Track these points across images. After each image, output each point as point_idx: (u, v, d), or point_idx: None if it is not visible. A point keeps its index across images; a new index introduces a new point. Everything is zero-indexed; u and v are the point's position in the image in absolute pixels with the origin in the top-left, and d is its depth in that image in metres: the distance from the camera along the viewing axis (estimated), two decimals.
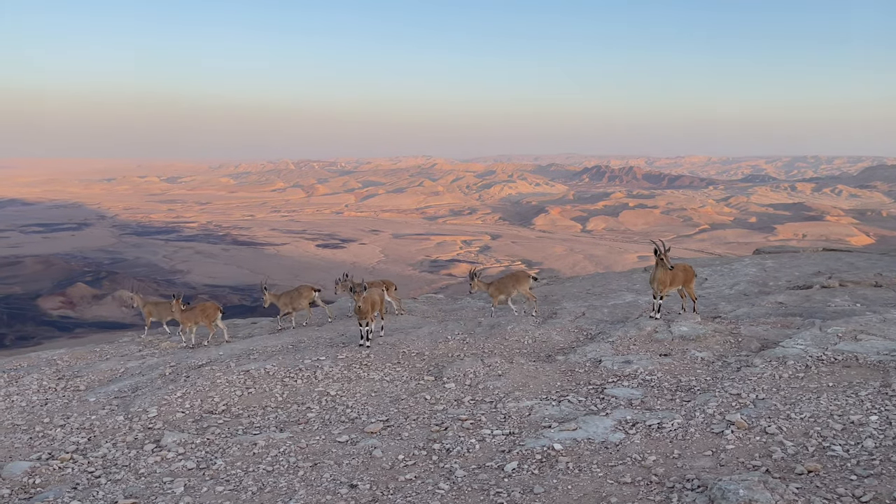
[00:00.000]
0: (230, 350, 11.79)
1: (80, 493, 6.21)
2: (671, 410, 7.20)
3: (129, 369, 11.38)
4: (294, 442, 7.16)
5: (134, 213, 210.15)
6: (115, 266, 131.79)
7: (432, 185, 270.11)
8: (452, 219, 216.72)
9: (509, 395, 8.26)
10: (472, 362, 9.64)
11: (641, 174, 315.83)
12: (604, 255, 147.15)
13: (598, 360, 9.44)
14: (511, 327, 11.50)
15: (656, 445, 6.31)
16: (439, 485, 5.85)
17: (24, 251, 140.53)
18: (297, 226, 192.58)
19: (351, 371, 9.69)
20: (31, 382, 10.97)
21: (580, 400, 7.91)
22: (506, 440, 6.80)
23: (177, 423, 8.22)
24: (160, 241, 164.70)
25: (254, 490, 6.01)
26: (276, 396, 8.96)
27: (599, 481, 5.68)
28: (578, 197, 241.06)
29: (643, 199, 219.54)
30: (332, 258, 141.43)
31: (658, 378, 8.51)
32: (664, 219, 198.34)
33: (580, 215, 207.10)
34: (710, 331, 10.35)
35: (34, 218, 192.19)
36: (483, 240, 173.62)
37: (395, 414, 7.93)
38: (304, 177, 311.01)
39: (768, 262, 19.83)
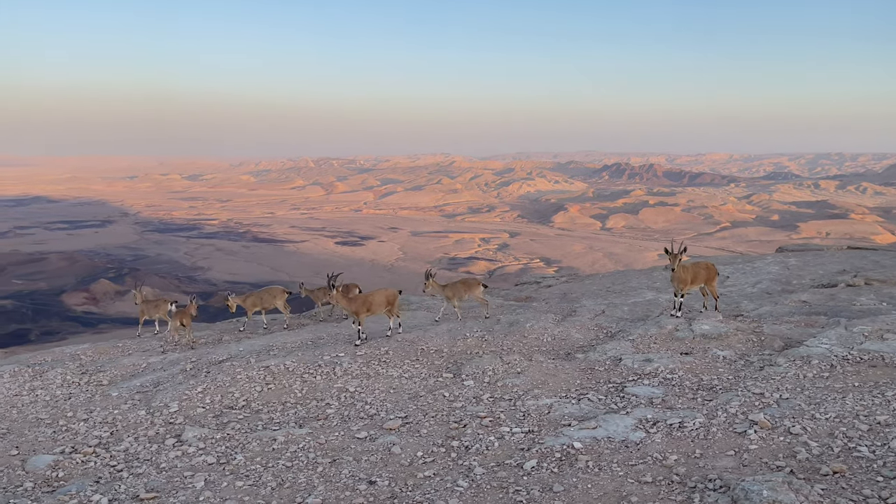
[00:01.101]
0: (250, 346, 11.86)
1: (103, 487, 6.27)
2: (693, 409, 7.12)
3: (151, 364, 11.49)
4: (313, 438, 7.18)
5: (156, 211, 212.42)
6: (137, 263, 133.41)
7: (451, 183, 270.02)
8: (471, 216, 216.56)
9: (528, 393, 8.22)
10: (491, 360, 9.60)
11: (662, 171, 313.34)
12: (623, 252, 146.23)
13: (618, 359, 9.36)
14: (530, 325, 11.45)
15: (678, 445, 6.25)
16: (458, 482, 5.84)
17: (48, 248, 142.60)
18: (316, 223, 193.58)
19: (370, 367, 9.70)
20: (55, 377, 11.12)
21: (600, 398, 7.86)
22: (525, 438, 6.77)
23: (197, 419, 8.28)
24: (182, 238, 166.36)
25: (273, 485, 6.03)
26: (296, 392, 8.99)
27: (620, 480, 5.63)
28: (598, 194, 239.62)
29: (663, 197, 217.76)
30: (350, 255, 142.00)
31: (679, 377, 8.43)
32: (685, 216, 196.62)
33: (600, 213, 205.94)
34: (732, 329, 10.22)
35: (58, 215, 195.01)
36: (501, 237, 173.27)
37: (413, 411, 7.93)
38: (323, 174, 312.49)
39: (791, 261, 19.56)
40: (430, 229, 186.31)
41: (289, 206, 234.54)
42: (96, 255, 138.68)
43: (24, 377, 11.13)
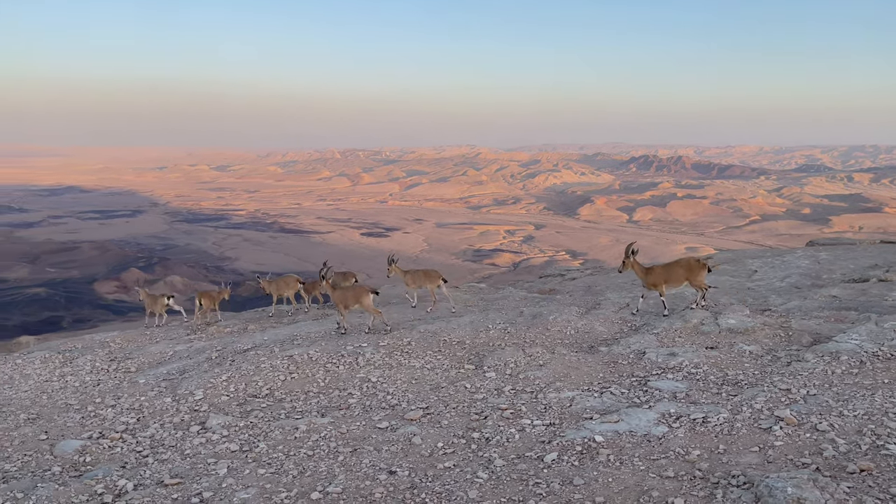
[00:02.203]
0: (275, 335, 11.97)
1: (129, 472, 6.38)
2: (717, 404, 7.03)
3: (178, 352, 11.66)
4: (335, 427, 7.23)
5: (185, 201, 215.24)
6: (166, 252, 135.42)
7: (476, 175, 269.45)
8: (496, 208, 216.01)
9: (550, 386, 8.18)
10: (514, 352, 9.58)
11: (690, 164, 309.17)
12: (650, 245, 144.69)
13: (641, 352, 9.27)
14: (553, 317, 11.39)
15: (701, 440, 6.17)
16: (478, 474, 5.83)
17: (81, 237, 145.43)
18: (342, 214, 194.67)
19: (392, 358, 9.73)
20: (84, 363, 11.35)
21: (623, 392, 7.79)
22: (546, 431, 6.74)
23: (222, 406, 8.38)
24: (210, 228, 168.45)
25: (294, 473, 6.08)
26: (319, 382, 9.06)
27: (641, 475, 5.58)
28: (625, 187, 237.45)
29: (692, 190, 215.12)
30: (376, 246, 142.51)
31: (704, 371, 8.32)
32: (713, 209, 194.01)
33: (626, 205, 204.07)
34: (759, 324, 10.06)
35: (90, 205, 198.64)
36: (527, 229, 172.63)
37: (434, 402, 7.94)
38: (349, 166, 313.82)
39: (822, 255, 19.19)
40: (455, 221, 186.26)
41: (315, 197, 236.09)
42: (127, 244, 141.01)
43: (54, 363, 11.38)
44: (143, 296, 15.27)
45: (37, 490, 5.93)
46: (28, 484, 6.14)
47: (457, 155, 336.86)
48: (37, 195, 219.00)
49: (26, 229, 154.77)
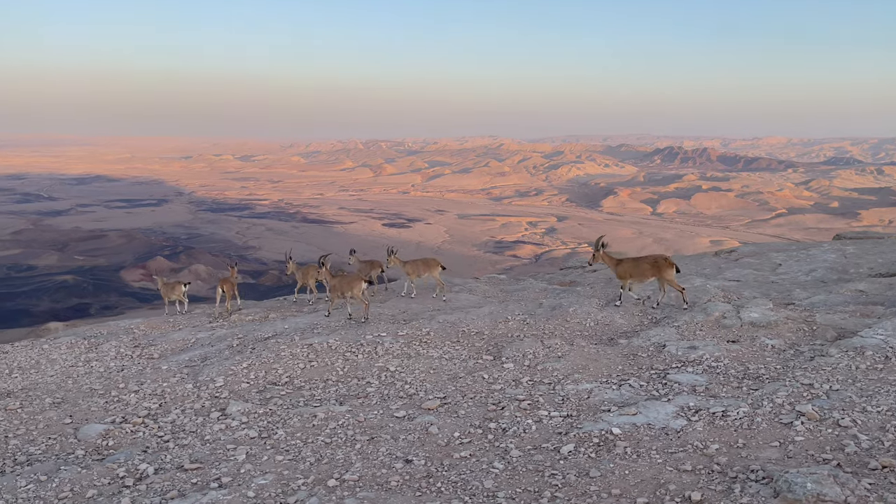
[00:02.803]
0: (295, 324, 12.05)
1: (150, 457, 6.48)
2: (737, 398, 6.95)
3: (200, 340, 11.80)
4: (352, 415, 7.28)
5: (209, 191, 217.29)
6: (191, 241, 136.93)
7: (499, 166, 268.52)
8: (518, 200, 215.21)
9: (568, 378, 8.15)
10: (532, 343, 9.56)
11: (716, 156, 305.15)
12: (674, 238, 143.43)
13: (661, 345, 9.20)
14: (573, 309, 11.33)
15: (720, 434, 6.11)
16: (494, 464, 5.84)
17: (108, 225, 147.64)
18: (364, 205, 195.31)
19: (411, 348, 9.76)
20: (109, 349, 11.53)
21: (642, 384, 7.73)
22: (563, 422, 6.72)
23: (242, 393, 8.48)
24: (234, 217, 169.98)
25: (312, 461, 6.13)
26: (338, 370, 9.11)
27: (658, 468, 5.54)
28: (649, 179, 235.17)
29: (717, 182, 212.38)
30: (397, 237, 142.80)
31: (724, 365, 8.23)
32: (739, 202, 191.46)
33: (650, 198, 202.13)
34: (782, 318, 9.91)
35: (117, 194, 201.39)
36: (549, 221, 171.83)
37: (452, 392, 7.95)
38: (372, 156, 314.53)
39: (849, 248, 18.85)
40: (477, 212, 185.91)
41: (338, 188, 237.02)
42: (153, 232, 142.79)
43: (80, 349, 11.58)
44: (160, 284, 15.42)
45: (60, 473, 6.05)
46: (52, 466, 6.27)
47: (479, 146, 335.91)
48: (65, 184, 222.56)
49: (55, 217, 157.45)
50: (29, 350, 11.70)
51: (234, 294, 14.84)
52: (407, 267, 13.82)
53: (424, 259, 14.05)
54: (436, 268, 13.81)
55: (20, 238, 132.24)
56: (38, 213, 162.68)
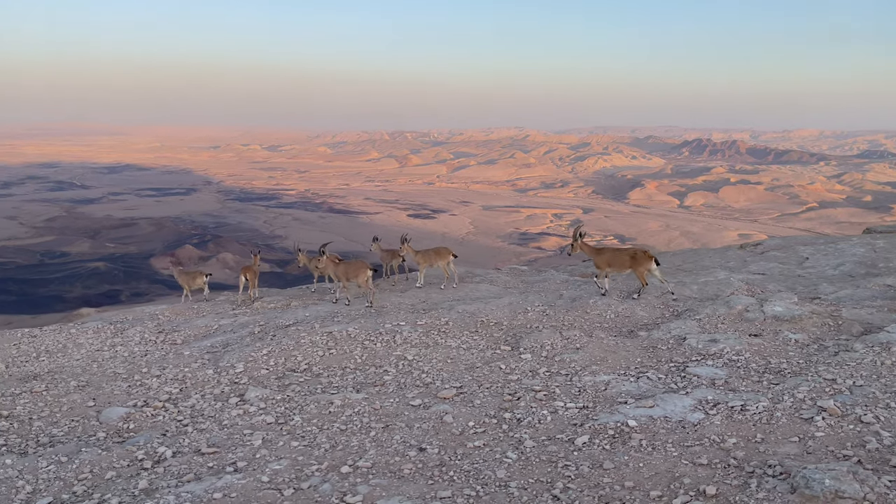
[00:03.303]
0: (316, 312, 12.14)
1: (169, 440, 6.59)
2: (757, 393, 6.84)
3: (222, 326, 11.94)
4: (369, 403, 7.31)
5: (237, 180, 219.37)
6: (219, 230, 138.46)
7: (524, 157, 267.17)
8: (544, 191, 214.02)
9: (586, 369, 8.10)
10: (551, 334, 9.51)
11: (745, 148, 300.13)
12: (701, 232, 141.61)
13: (682, 338, 9.09)
14: (593, 301, 11.24)
15: (738, 428, 6.02)
16: (507, 454, 5.82)
17: (138, 213, 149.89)
18: (389, 195, 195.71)
19: (429, 337, 9.78)
20: (134, 334, 11.73)
21: (660, 377, 7.66)
22: (578, 413, 6.68)
23: (261, 379, 8.56)
24: (261, 207, 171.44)
25: (326, 447, 6.18)
26: (356, 358, 9.17)
27: (673, 461, 5.48)
28: (677, 171, 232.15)
29: (746, 175, 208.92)
30: (422, 228, 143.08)
31: (745, 359, 8.11)
32: (768, 196, 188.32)
33: (678, 190, 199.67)
34: (807, 312, 9.74)
35: (147, 182, 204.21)
36: (575, 213, 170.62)
37: (468, 381, 7.95)
38: (397, 147, 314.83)
39: (879, 243, 18.44)
40: (502, 204, 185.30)
41: (364, 178, 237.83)
42: (182, 221, 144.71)
43: (106, 334, 11.79)
44: (176, 274, 15.62)
45: (81, 454, 6.18)
46: (73, 448, 6.39)
47: (505, 137, 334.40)
48: (97, 172, 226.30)
49: (87, 205, 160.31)
50: (57, 334, 11.95)
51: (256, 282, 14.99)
52: (418, 256, 13.89)
53: (436, 248, 14.11)
54: (446, 256, 13.86)
55: (54, 225, 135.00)
56: (70, 200, 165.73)
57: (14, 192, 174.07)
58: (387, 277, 15.51)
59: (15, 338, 11.79)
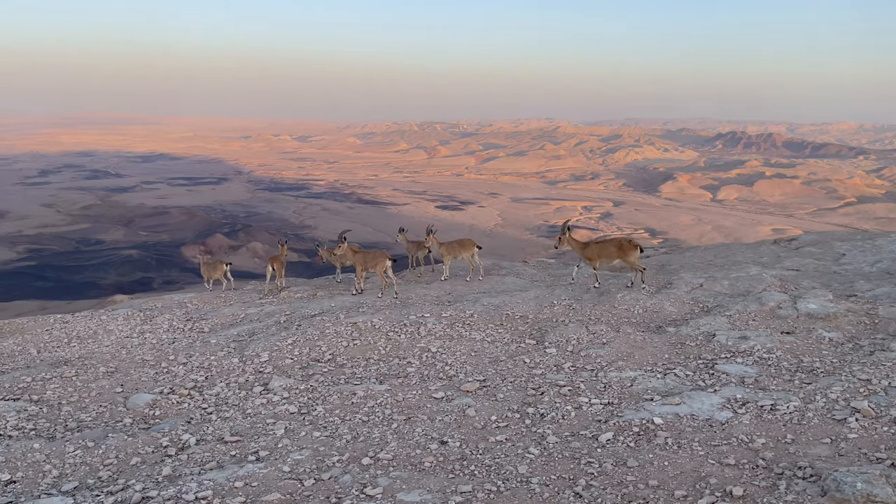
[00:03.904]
0: (342, 302, 12.16)
1: (193, 428, 6.64)
2: (788, 392, 6.67)
3: (249, 315, 12.03)
4: (391, 395, 7.29)
5: (267, 170, 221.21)
6: (249, 219, 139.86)
7: (554, 149, 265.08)
8: (573, 184, 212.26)
9: (612, 365, 7.98)
10: (577, 328, 9.39)
11: (781, 141, 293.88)
12: (734, 226, 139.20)
13: (711, 334, 8.91)
14: (621, 295, 11.08)
15: (767, 428, 5.88)
16: (529, 449, 5.75)
17: (170, 202, 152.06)
18: (418, 186, 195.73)
19: (453, 329, 9.73)
20: (162, 322, 11.88)
21: (687, 374, 7.51)
22: (603, 410, 6.58)
23: (285, 369, 8.60)
24: (291, 197, 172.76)
25: (348, 438, 6.17)
26: (380, 349, 9.16)
27: (699, 460, 5.37)
28: (710, 164, 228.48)
29: (782, 169, 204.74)
30: (450, 220, 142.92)
31: (777, 357, 7.92)
32: (804, 190, 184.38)
33: (711, 184, 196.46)
34: (842, 310, 9.48)
35: (179, 172, 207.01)
36: (605, 206, 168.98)
37: (492, 375, 7.88)
38: (426, 138, 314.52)
39: None
40: (531, 196, 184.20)
41: (392, 169, 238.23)
42: (212, 210, 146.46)
43: (135, 321, 11.96)
44: (201, 263, 15.80)
45: (107, 440, 6.25)
46: (100, 434, 6.48)
47: (535, 128, 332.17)
48: (131, 161, 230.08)
49: (121, 194, 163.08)
50: (88, 320, 12.16)
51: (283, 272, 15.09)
52: (442, 248, 13.85)
53: (460, 240, 14.03)
54: (471, 248, 13.79)
55: (89, 213, 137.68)
56: (105, 189, 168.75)
57: (51, 181, 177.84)
58: (413, 269, 15.48)
59: (48, 323, 12.03)
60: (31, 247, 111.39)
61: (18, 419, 7.06)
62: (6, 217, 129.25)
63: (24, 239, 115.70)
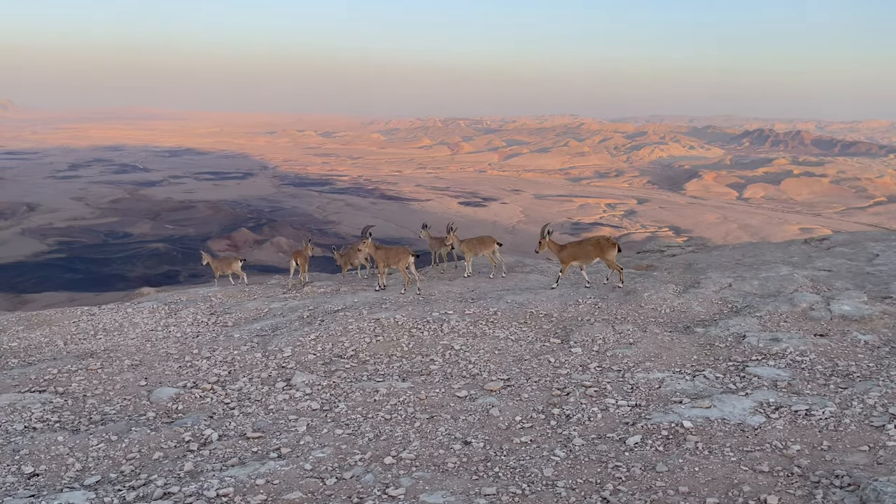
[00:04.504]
0: (365, 298, 12.12)
1: (215, 423, 6.61)
2: (823, 397, 6.46)
3: (272, 310, 12.04)
4: (414, 393, 7.20)
5: (292, 165, 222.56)
6: (274, 214, 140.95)
7: (578, 146, 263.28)
8: (597, 181, 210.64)
9: (639, 365, 7.82)
10: (602, 328, 9.23)
11: (810, 139, 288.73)
12: (760, 225, 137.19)
13: (741, 336, 8.69)
14: (648, 294, 10.89)
15: (802, 434, 5.69)
16: (555, 451, 5.63)
17: (197, 197, 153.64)
18: (441, 183, 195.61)
19: (477, 327, 9.61)
20: (187, 315, 11.93)
21: (717, 376, 7.32)
22: (631, 412, 6.42)
23: (308, 365, 8.56)
24: (315, 192, 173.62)
25: (370, 437, 6.09)
26: (403, 346, 9.07)
27: (731, 466, 5.20)
28: (736, 162, 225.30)
29: (810, 167, 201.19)
30: (473, 216, 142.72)
31: (810, 360, 7.69)
32: (833, 189, 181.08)
33: (737, 182, 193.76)
34: (877, 312, 9.19)
35: (206, 166, 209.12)
36: (629, 204, 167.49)
37: (516, 374, 7.76)
38: (449, 134, 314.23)
39: None
40: (554, 193, 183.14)
41: (415, 165, 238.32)
42: (238, 205, 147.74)
43: (160, 314, 12.03)
44: (206, 260, 15.90)
45: (130, 433, 6.25)
46: (123, 427, 6.48)
47: (559, 125, 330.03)
48: (159, 156, 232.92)
49: (149, 188, 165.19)
50: (114, 313, 12.26)
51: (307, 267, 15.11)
52: (463, 245, 13.75)
53: (480, 238, 13.94)
54: (491, 245, 13.66)
55: (118, 207, 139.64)
56: (133, 183, 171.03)
57: (81, 174, 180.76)
58: (435, 265, 15.40)
59: (75, 315, 12.14)
60: (61, 239, 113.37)
61: (43, 411, 7.10)
62: (37, 210, 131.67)
63: (55, 231, 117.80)
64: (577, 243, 12.12)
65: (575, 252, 11.87)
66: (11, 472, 5.61)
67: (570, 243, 12.19)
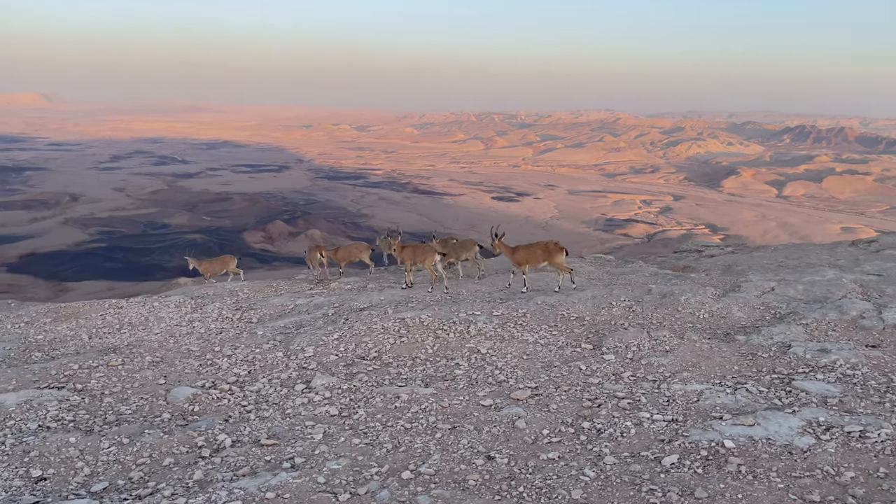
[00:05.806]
0: (391, 296, 11.84)
1: (230, 427, 6.38)
2: (878, 416, 5.96)
3: (298, 306, 11.82)
4: (437, 400, 6.88)
5: (327, 159, 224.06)
6: (308, 207, 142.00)
7: (614, 141, 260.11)
8: (633, 177, 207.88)
9: (676, 376, 7.38)
10: (637, 333, 8.79)
11: (854, 136, 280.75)
12: (800, 224, 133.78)
13: (786, 345, 8.18)
14: (685, 298, 10.40)
15: (856, 458, 5.22)
16: (584, 470, 5.25)
17: (233, 189, 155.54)
18: (474, 177, 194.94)
19: (504, 330, 9.25)
20: (212, 311, 11.77)
21: (761, 390, 6.85)
22: (667, 428, 6.01)
23: (329, 366, 8.29)
24: (349, 185, 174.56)
25: (388, 447, 5.79)
26: (427, 348, 8.76)
27: (779, 494, 4.77)
28: (776, 159, 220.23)
29: (853, 165, 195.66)
30: (506, 211, 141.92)
31: (863, 374, 7.16)
32: (877, 187, 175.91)
33: (776, 179, 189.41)
34: None
35: (243, 159, 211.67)
36: (664, 200, 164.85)
37: (544, 382, 7.38)
38: (483, 129, 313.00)
39: None
40: (589, 188, 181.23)
41: (449, 160, 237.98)
42: (273, 197, 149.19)
43: (186, 308, 11.89)
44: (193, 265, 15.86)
45: (143, 437, 6.04)
46: (136, 429, 6.27)
47: (595, 120, 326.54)
48: (197, 148, 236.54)
49: (187, 179, 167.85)
50: (141, 307, 12.16)
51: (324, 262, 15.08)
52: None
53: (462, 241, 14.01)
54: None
55: (157, 198, 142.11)
56: (172, 174, 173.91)
57: (122, 166, 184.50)
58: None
59: (102, 308, 12.07)
60: (102, 229, 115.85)
61: (59, 409, 6.94)
62: (80, 200, 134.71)
63: (96, 221, 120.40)
64: (528, 247, 12.13)
65: (525, 255, 11.92)
66: (19, 476, 5.44)
67: (521, 246, 12.19)
